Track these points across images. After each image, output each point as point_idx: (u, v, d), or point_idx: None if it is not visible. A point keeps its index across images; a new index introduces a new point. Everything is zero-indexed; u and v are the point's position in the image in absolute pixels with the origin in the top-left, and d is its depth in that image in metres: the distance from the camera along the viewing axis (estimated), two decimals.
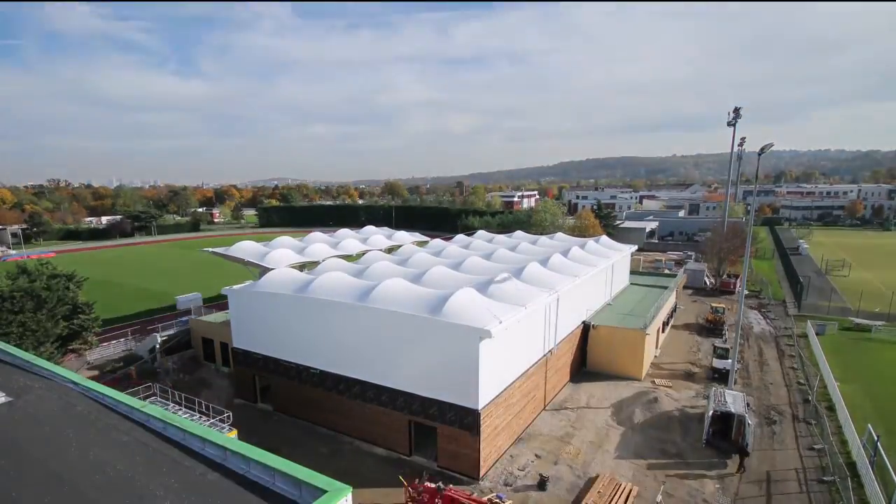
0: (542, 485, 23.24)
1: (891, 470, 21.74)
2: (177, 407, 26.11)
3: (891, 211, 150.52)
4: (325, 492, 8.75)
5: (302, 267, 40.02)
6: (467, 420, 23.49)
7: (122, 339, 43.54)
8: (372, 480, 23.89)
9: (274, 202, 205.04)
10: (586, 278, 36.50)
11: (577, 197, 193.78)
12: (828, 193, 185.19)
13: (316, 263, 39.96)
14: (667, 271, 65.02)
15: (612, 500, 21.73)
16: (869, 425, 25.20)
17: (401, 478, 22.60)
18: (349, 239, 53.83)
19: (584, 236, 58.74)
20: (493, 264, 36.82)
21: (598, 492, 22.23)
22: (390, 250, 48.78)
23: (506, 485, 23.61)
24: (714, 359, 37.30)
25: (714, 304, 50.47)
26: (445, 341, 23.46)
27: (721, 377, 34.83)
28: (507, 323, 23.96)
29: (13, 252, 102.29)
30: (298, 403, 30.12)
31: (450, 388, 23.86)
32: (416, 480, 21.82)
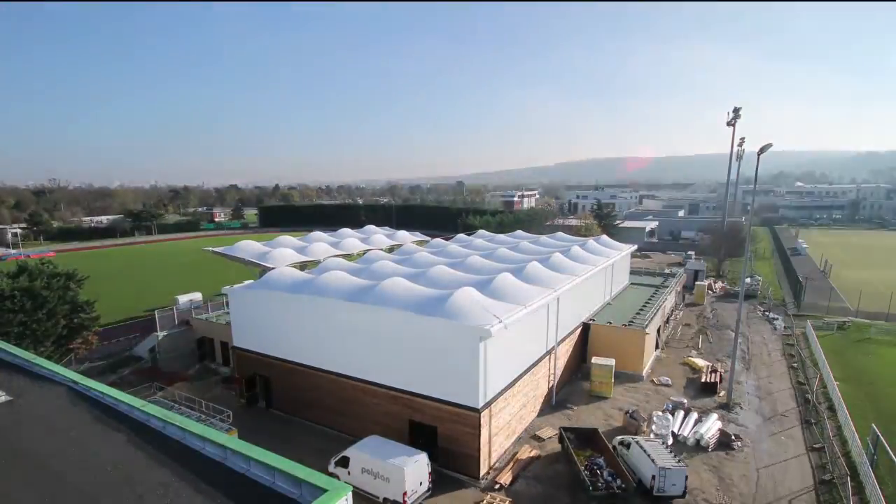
0: None
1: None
2: (177, 406, 26.15)
3: (890, 211, 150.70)
4: (325, 490, 8.74)
5: (302, 266, 40.04)
6: (467, 420, 23.47)
7: (123, 338, 43.52)
8: None
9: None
10: (586, 277, 36.48)
11: (578, 196, 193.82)
12: (827, 193, 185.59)
13: (316, 263, 39.98)
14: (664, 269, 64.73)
15: None
16: (873, 425, 25.16)
17: None
18: (350, 238, 53.94)
19: (586, 236, 58.70)
20: (493, 263, 36.80)
21: None
22: (391, 249, 48.80)
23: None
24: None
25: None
26: (446, 341, 23.46)
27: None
28: (507, 322, 23.96)
29: (13, 251, 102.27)
30: (299, 402, 30.13)
31: (450, 387, 23.85)
32: None
